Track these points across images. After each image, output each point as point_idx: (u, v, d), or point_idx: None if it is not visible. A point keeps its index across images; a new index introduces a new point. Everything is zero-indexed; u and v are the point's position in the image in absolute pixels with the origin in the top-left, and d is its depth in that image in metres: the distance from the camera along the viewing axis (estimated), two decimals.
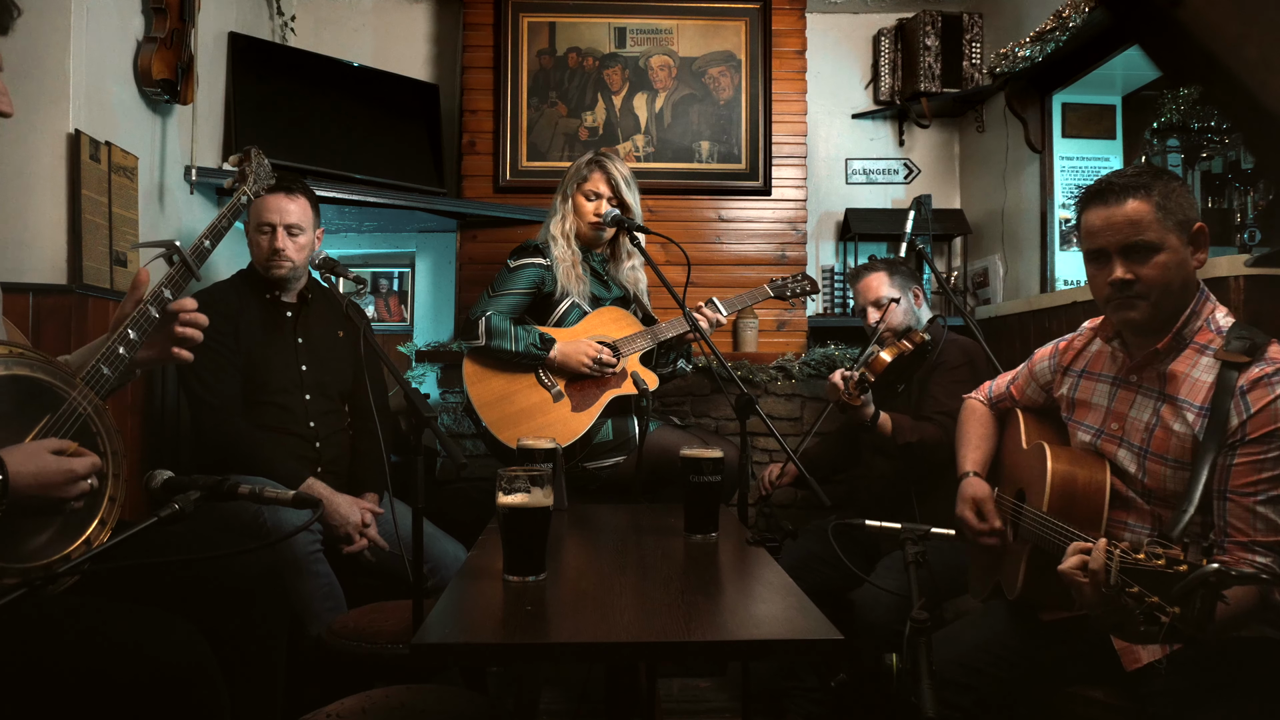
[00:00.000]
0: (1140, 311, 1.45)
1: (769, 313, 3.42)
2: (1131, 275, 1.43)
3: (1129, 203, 1.42)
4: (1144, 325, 1.47)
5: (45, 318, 2.02)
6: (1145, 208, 1.41)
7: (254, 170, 1.89)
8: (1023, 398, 1.84)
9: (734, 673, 2.61)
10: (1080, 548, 1.26)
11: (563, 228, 2.52)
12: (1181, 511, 1.35)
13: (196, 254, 1.59)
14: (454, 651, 1.10)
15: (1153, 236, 1.41)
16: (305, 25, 3.62)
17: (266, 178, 1.93)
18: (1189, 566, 1.08)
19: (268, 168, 1.94)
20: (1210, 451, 1.35)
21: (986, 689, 1.53)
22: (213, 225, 1.67)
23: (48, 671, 1.22)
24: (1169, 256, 1.41)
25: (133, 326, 1.42)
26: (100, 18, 2.20)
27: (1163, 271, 1.42)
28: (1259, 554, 1.32)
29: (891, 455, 2.32)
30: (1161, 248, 1.41)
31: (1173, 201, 1.41)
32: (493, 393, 2.43)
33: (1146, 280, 1.42)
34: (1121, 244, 1.43)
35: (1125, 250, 1.43)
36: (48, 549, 1.26)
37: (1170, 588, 1.08)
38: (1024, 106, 3.29)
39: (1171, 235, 1.41)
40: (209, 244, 1.64)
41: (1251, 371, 1.36)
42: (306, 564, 1.96)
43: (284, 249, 2.21)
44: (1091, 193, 1.49)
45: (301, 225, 2.25)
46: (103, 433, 1.36)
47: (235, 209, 1.77)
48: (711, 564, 1.55)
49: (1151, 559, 1.12)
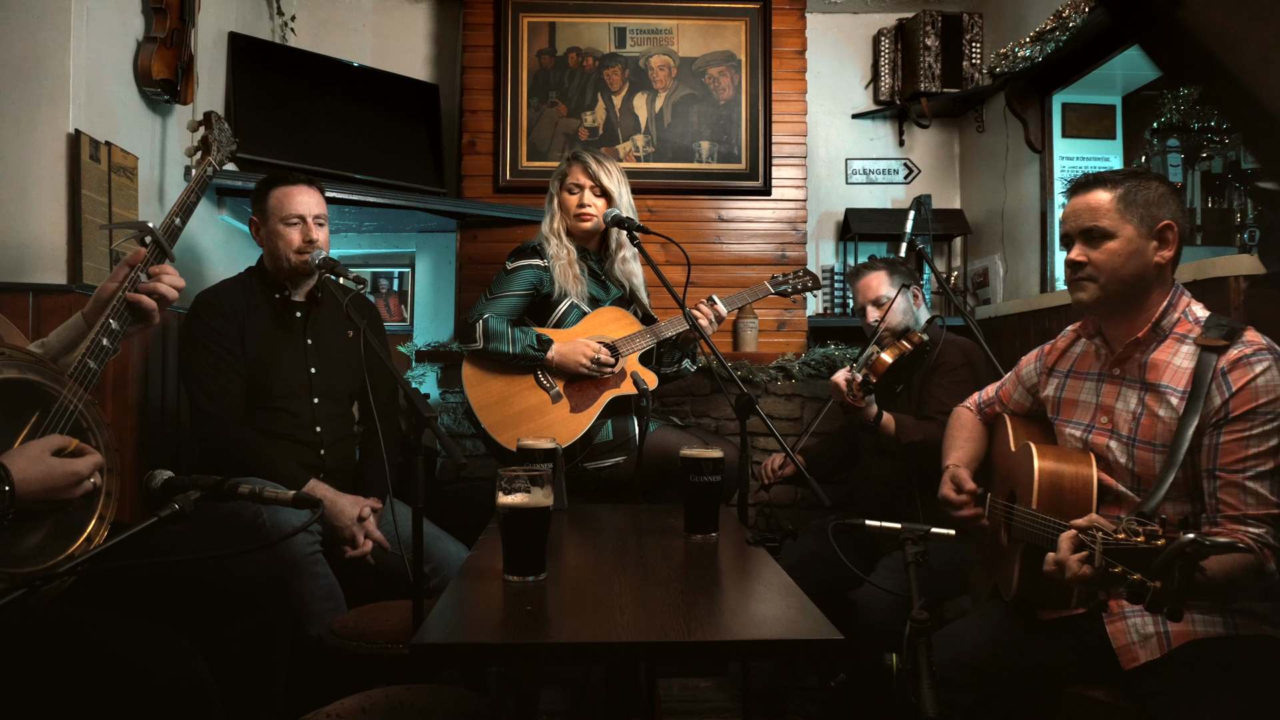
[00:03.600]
0: (1088, 293, 1.54)
1: (769, 312, 3.42)
2: (1084, 258, 1.53)
3: (1094, 193, 1.54)
4: (1092, 307, 1.56)
5: (45, 318, 2.02)
6: (1106, 197, 1.52)
7: (216, 138, 1.85)
8: (1010, 403, 1.88)
9: (734, 673, 2.61)
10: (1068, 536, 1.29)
11: (553, 226, 2.53)
12: (1158, 486, 1.41)
13: (168, 234, 1.56)
14: (454, 651, 1.10)
15: (1106, 224, 1.51)
16: (305, 25, 3.62)
17: (229, 144, 1.89)
18: (1167, 540, 1.12)
19: (229, 132, 1.91)
20: (1189, 429, 1.41)
21: (986, 689, 1.53)
22: (181, 201, 1.64)
23: (45, 684, 1.22)
24: (1121, 245, 1.50)
25: (114, 316, 1.42)
26: (100, 18, 2.20)
27: (1110, 257, 1.51)
28: (1251, 526, 1.36)
29: (894, 455, 2.32)
30: (1114, 235, 1.51)
31: (1139, 196, 1.51)
32: (492, 395, 2.43)
33: (1095, 263, 1.52)
34: (1079, 228, 1.54)
35: (1082, 235, 1.54)
36: (45, 549, 1.26)
37: (1150, 561, 1.12)
38: (1024, 106, 3.29)
39: (1128, 226, 1.50)
40: (179, 222, 1.61)
41: (1230, 353, 1.41)
42: (306, 564, 1.95)
43: (317, 239, 2.19)
44: (1073, 185, 1.61)
45: (324, 216, 2.24)
46: (94, 428, 1.36)
47: (202, 181, 1.74)
48: (711, 564, 1.55)
49: (1131, 536, 1.15)
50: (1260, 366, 1.38)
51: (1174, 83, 2.89)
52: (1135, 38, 0.42)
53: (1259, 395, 1.37)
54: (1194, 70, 0.40)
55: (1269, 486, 1.37)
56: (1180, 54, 0.40)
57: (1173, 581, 1.08)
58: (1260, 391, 1.38)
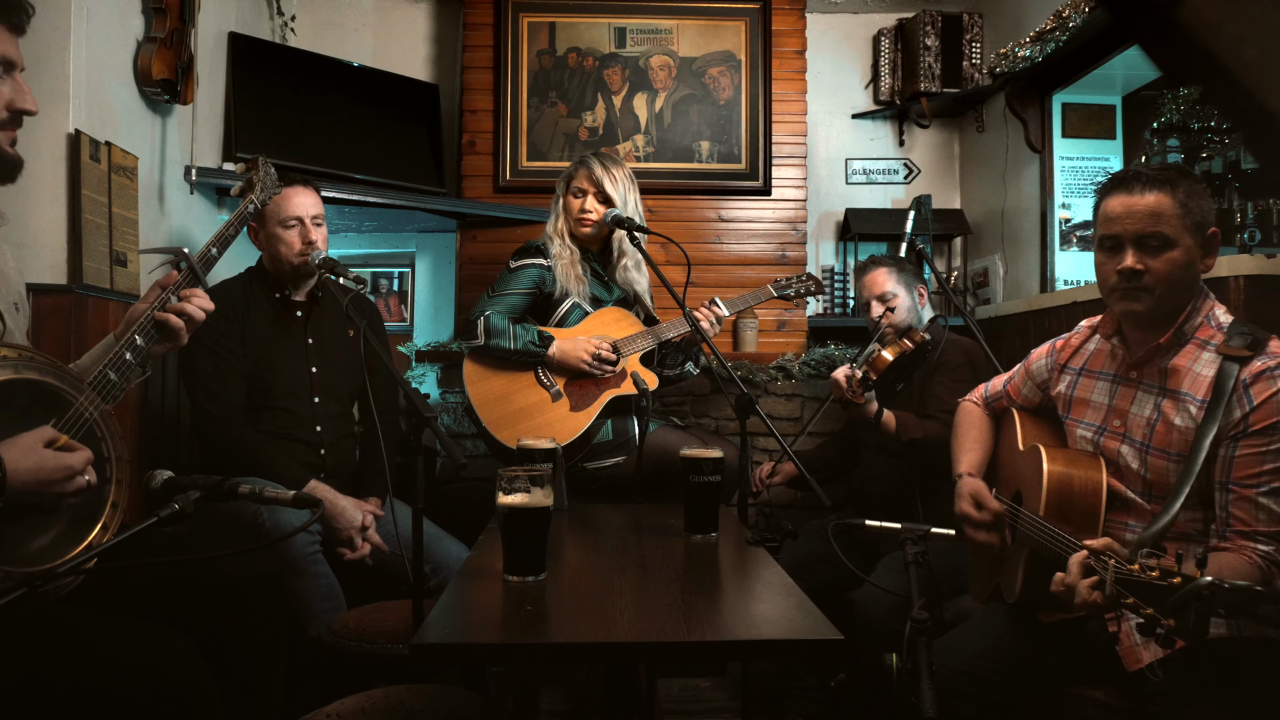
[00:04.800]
0: (1143, 304, 1.45)
1: (769, 313, 3.42)
2: (1142, 266, 1.43)
3: (1152, 194, 1.42)
4: (1144, 319, 1.48)
5: (45, 318, 2.02)
6: (1168, 202, 1.42)
7: (261, 179, 1.91)
8: (1019, 397, 1.84)
9: (734, 673, 2.61)
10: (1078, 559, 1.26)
11: (557, 226, 2.55)
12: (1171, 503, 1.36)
13: (204, 262, 1.62)
14: (454, 651, 1.10)
15: (1169, 231, 1.41)
16: (305, 25, 3.62)
17: (273, 187, 1.95)
18: (1183, 579, 1.08)
19: (274, 176, 1.96)
20: (1207, 440, 1.37)
21: (989, 697, 1.53)
22: (219, 234, 1.70)
23: (45, 684, 1.22)
24: (1181, 254, 1.42)
25: (139, 332, 1.45)
26: (100, 18, 2.20)
27: (1171, 268, 1.42)
28: (1261, 543, 1.34)
29: (895, 453, 2.32)
30: (1176, 244, 1.42)
31: (1194, 202, 1.42)
32: (492, 392, 2.43)
33: (1155, 273, 1.43)
34: (1137, 233, 1.43)
35: (1139, 240, 1.44)
36: (50, 553, 1.26)
37: (1165, 599, 1.08)
38: (1024, 106, 3.29)
39: (1187, 235, 1.42)
40: (216, 252, 1.67)
41: (1254, 365, 1.37)
42: (306, 564, 1.95)
43: (316, 239, 2.20)
44: (1117, 179, 1.49)
45: (321, 215, 2.25)
46: (107, 438, 1.37)
47: (243, 217, 1.79)
48: (711, 564, 1.55)
49: (1146, 571, 1.13)
50: None
51: (1174, 83, 2.89)
52: (1135, 38, 0.42)
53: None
54: (1194, 70, 0.40)
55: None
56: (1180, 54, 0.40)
57: (1188, 623, 1.05)
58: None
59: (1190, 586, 1.06)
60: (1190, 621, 1.05)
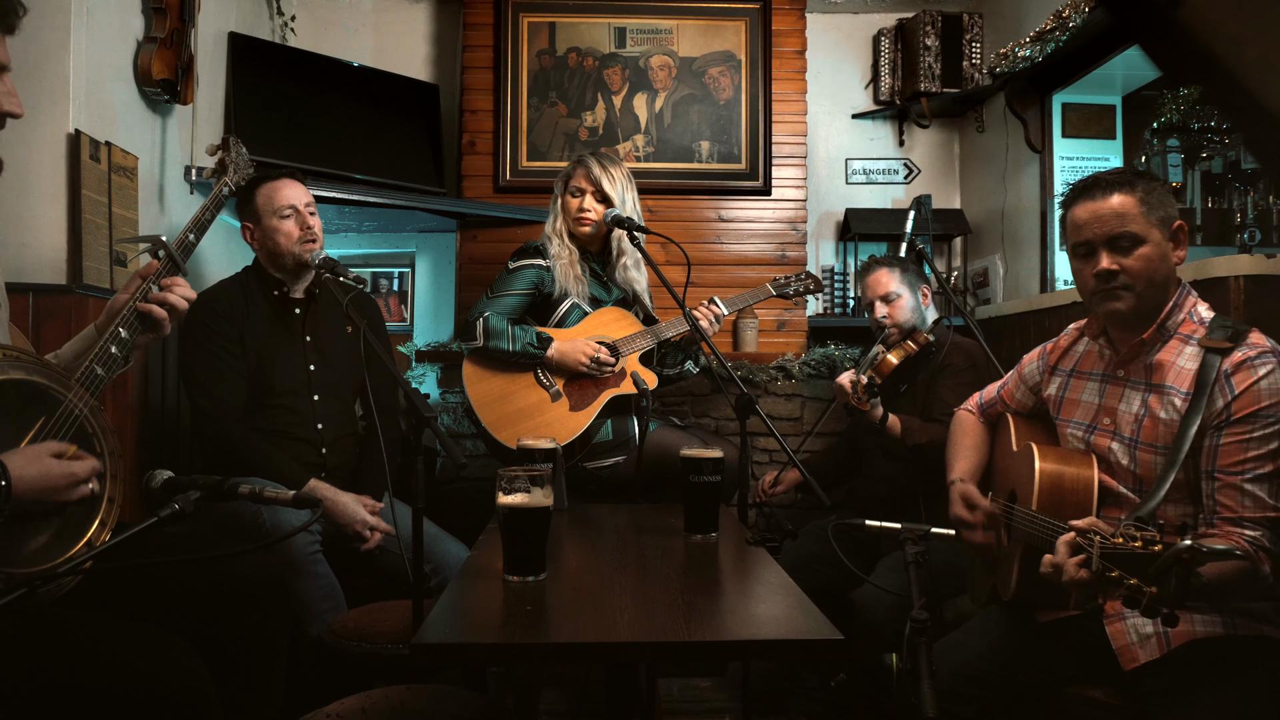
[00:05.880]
0: (1125, 302, 1.49)
1: (769, 313, 3.42)
2: (1116, 266, 1.48)
3: (1114, 197, 1.48)
4: (1128, 317, 1.52)
5: (45, 317, 2.02)
6: (1131, 201, 1.47)
7: (234, 160, 1.89)
8: (1014, 402, 1.87)
9: (734, 673, 2.60)
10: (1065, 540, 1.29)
11: (556, 226, 2.54)
12: (1157, 487, 1.40)
13: (182, 249, 1.59)
14: (454, 651, 1.10)
15: (1136, 229, 1.47)
16: (305, 25, 3.62)
17: (246, 167, 1.92)
18: (1164, 546, 1.12)
19: (246, 156, 1.93)
20: (1191, 431, 1.40)
21: (988, 699, 1.54)
22: (196, 219, 1.67)
23: (44, 686, 1.22)
24: (1152, 250, 1.47)
25: (124, 325, 1.44)
26: (100, 18, 2.20)
27: (1145, 264, 1.47)
28: (1247, 528, 1.36)
29: (900, 457, 2.32)
30: (1145, 240, 1.47)
31: (1155, 198, 1.48)
32: (491, 393, 2.43)
33: (1130, 271, 1.47)
34: (1107, 235, 1.48)
35: (1110, 242, 1.48)
36: (48, 552, 1.26)
37: (1147, 567, 1.11)
38: (1024, 106, 3.29)
39: (1154, 230, 1.47)
40: (193, 238, 1.64)
41: (1234, 355, 1.41)
42: (306, 564, 1.95)
43: (314, 226, 2.20)
44: (1078, 188, 1.55)
45: (313, 204, 2.24)
46: (99, 433, 1.36)
47: (218, 201, 1.77)
48: (711, 564, 1.55)
49: (1129, 541, 1.16)
50: (1264, 369, 1.38)
51: (1174, 83, 2.89)
52: (1135, 38, 0.43)
53: (1261, 398, 1.37)
54: (1194, 70, 0.40)
55: (1267, 490, 1.37)
56: (1180, 54, 0.40)
57: (1169, 587, 1.08)
58: (1263, 395, 1.37)
59: (1170, 551, 1.09)
60: (1171, 586, 1.08)
